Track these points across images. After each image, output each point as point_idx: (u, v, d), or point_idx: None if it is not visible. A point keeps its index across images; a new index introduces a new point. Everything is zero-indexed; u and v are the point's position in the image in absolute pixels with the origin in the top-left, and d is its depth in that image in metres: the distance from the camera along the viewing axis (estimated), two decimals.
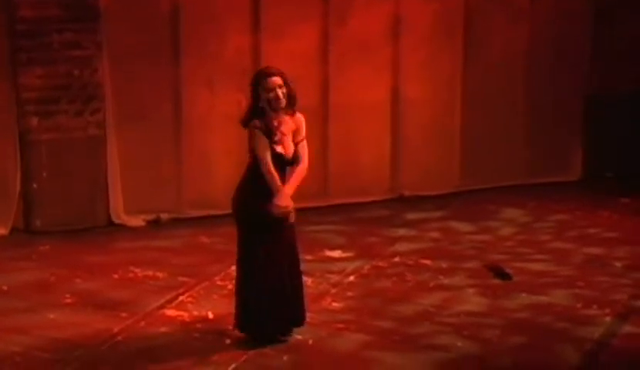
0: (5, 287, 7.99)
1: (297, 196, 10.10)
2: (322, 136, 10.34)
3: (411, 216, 10.14)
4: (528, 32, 10.92)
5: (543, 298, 7.80)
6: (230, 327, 7.00)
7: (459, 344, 6.93)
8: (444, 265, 8.61)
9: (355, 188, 10.51)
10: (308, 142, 10.06)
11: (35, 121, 9.25)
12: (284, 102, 6.80)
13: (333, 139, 10.39)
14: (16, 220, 9.42)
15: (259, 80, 6.83)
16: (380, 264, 8.65)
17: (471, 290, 8.00)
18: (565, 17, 11.02)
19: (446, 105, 10.84)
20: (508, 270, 8.41)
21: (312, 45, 10.12)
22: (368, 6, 10.20)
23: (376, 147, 10.63)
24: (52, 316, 7.40)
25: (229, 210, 9.76)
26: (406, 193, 10.76)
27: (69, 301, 7.70)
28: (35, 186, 9.38)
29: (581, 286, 8.08)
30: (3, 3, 9.05)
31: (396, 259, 8.78)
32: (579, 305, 7.66)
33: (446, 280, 8.25)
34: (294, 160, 7.00)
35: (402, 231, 9.63)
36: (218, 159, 10.07)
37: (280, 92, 6.77)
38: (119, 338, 7.02)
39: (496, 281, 8.23)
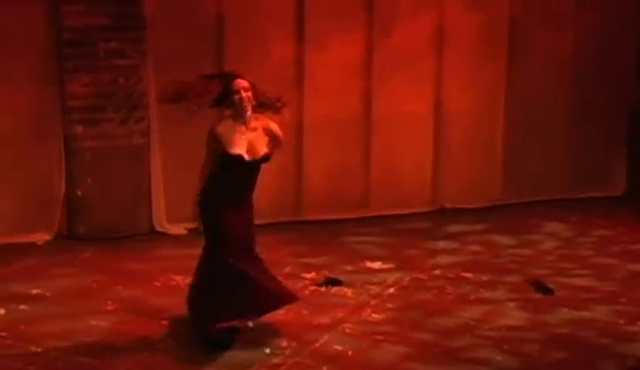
0: (47, 294, 8.05)
1: (339, 206, 10.22)
2: (364, 147, 10.36)
3: (452, 228, 10.12)
4: (572, 43, 10.87)
5: (584, 314, 7.75)
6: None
7: (499, 358, 6.90)
8: (485, 278, 8.58)
9: (397, 199, 10.50)
10: (350, 152, 10.25)
11: (80, 129, 9.32)
12: (248, 105, 6.94)
13: (375, 150, 10.39)
14: (60, 227, 9.50)
15: (228, 80, 7.02)
16: (420, 276, 8.63)
17: (512, 304, 7.96)
18: (610, 27, 10.95)
19: (489, 118, 10.80)
20: (550, 285, 8.36)
21: (356, 56, 10.13)
22: (412, 18, 10.20)
23: (418, 159, 10.61)
24: (93, 322, 7.44)
25: (269, 220, 9.94)
26: (447, 205, 10.74)
27: (110, 307, 7.74)
28: (79, 193, 9.45)
29: (624, 302, 8.02)
30: (51, 12, 9.13)
31: (437, 271, 8.76)
32: (621, 321, 7.60)
33: (486, 294, 8.22)
34: (262, 161, 7.14)
35: (442, 244, 9.61)
36: None
37: (245, 94, 6.92)
38: (161, 345, 7.06)
39: (538, 296, 8.19)
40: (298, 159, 10.18)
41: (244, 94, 6.94)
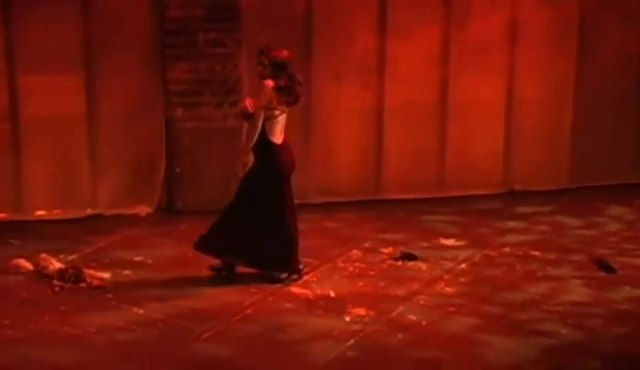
0: (149, 261, 8.18)
1: (416, 187, 10.20)
2: (440, 131, 10.30)
3: (521, 209, 10.02)
4: None
5: None
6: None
7: (564, 331, 6.84)
8: (551, 257, 8.49)
9: (470, 181, 10.43)
10: (427, 136, 10.23)
11: (180, 111, 9.42)
12: (259, 68, 7.56)
13: (450, 135, 10.32)
14: (160, 201, 9.62)
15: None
16: (491, 253, 8.58)
17: (577, 282, 7.88)
18: None
19: (558, 106, 10.65)
20: (613, 264, 8.25)
21: (434, 47, 10.06)
22: (487, 12, 10.09)
23: (490, 143, 10.51)
24: (190, 288, 7.56)
25: (351, 197, 9.95)
26: (517, 187, 10.63)
27: (204, 274, 7.83)
28: (178, 170, 9.55)
29: None
30: (155, 4, 9.23)
31: (506, 249, 8.69)
32: None
33: (553, 271, 8.14)
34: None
35: (512, 223, 9.52)
36: (342, 150, 10.13)
37: (258, 60, 7.59)
38: (249, 311, 7.14)
39: (601, 274, 8.08)
40: (379, 141, 10.16)
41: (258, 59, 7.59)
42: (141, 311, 7.06)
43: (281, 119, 7.57)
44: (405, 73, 10.02)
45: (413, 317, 7.04)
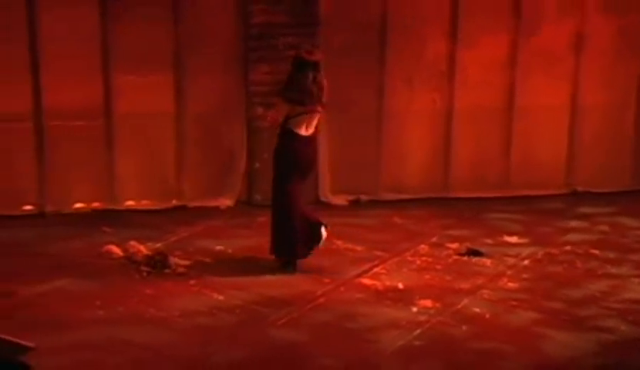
0: (229, 250, 8.25)
1: (482, 186, 10.14)
2: (506, 133, 10.23)
3: (583, 210, 9.88)
4: None
5: None
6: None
7: (623, 328, 6.74)
8: (612, 256, 8.36)
9: (533, 182, 10.34)
10: (493, 138, 10.23)
11: (260, 111, 9.48)
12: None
13: (516, 137, 10.24)
14: (240, 194, 9.70)
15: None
16: (553, 251, 8.48)
17: (636, 280, 7.75)
18: None
19: (621, 111, 10.49)
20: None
21: (502, 53, 9.99)
22: (554, 22, 9.99)
23: (554, 146, 10.41)
24: (266, 277, 7.61)
25: (420, 195, 9.93)
26: (579, 188, 10.50)
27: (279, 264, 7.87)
28: (257, 165, 9.62)
29: None
30: (240, 11, 9.30)
31: (568, 248, 8.59)
32: None
33: (613, 269, 8.02)
34: None
35: (574, 223, 9.40)
36: (412, 150, 10.11)
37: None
38: (322, 300, 7.17)
39: None
40: (447, 142, 10.13)
41: None
42: (221, 297, 7.14)
43: (307, 118, 7.55)
44: (473, 78, 9.96)
45: (477, 310, 7.00)
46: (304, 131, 7.56)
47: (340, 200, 9.86)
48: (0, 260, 7.86)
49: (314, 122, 7.61)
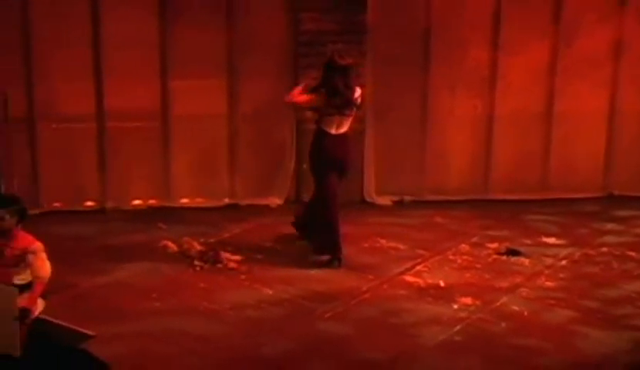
0: (278, 247, 8.30)
1: (521, 188, 10.09)
2: (546, 137, 10.15)
3: (619, 213, 9.78)
4: None
5: None
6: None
7: None
8: None
9: (571, 185, 10.25)
10: (533, 142, 10.18)
11: (309, 113, 9.47)
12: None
13: (555, 141, 10.16)
14: (290, 193, 9.73)
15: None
16: (589, 252, 8.43)
17: None
18: None
19: None
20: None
21: (542, 60, 9.91)
22: (593, 30, 9.88)
23: (592, 150, 10.31)
24: (313, 272, 7.66)
25: (461, 197, 9.91)
26: (616, 192, 10.40)
27: (324, 259, 7.83)
28: (305, 166, 9.61)
29: None
30: (291, 18, 9.34)
31: (604, 249, 8.53)
32: None
33: None
34: None
35: (610, 225, 9.32)
36: (454, 153, 10.09)
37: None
38: (366, 295, 7.21)
39: None
40: (488, 146, 10.08)
41: None
42: (270, 291, 7.20)
43: (337, 118, 7.62)
44: (514, 84, 9.92)
45: (515, 308, 7.00)
46: (334, 130, 7.62)
47: (384, 201, 9.86)
48: (63, 253, 7.99)
49: (346, 123, 7.70)
